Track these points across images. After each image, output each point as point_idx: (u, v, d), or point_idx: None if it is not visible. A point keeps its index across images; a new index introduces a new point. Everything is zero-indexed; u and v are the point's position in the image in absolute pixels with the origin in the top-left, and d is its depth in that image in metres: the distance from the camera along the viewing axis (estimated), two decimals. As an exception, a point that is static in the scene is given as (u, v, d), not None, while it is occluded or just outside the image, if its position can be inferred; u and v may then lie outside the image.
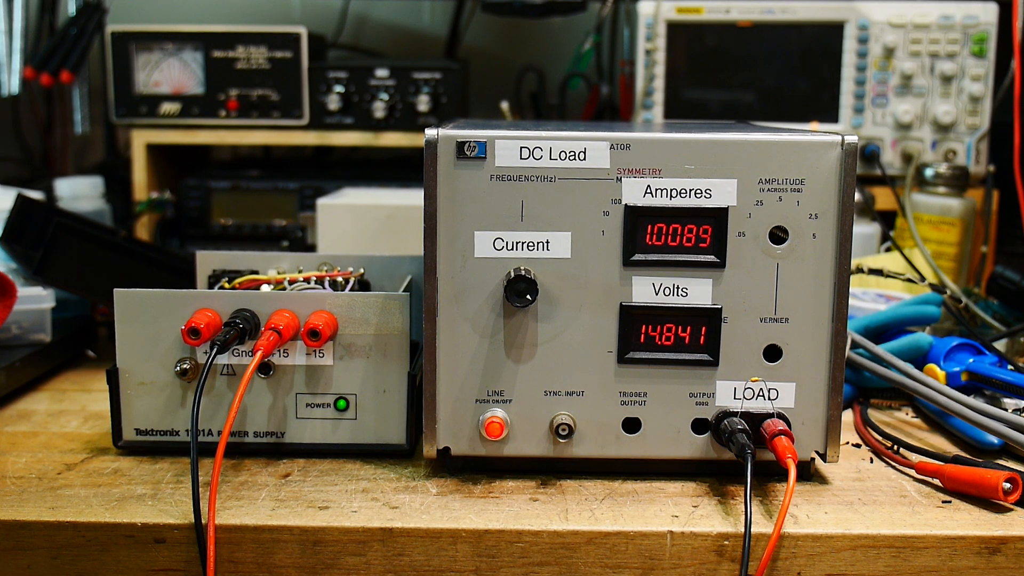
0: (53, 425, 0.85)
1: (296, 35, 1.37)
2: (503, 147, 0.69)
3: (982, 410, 0.76)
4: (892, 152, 1.35)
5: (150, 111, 1.39)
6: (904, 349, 0.89)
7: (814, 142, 0.69)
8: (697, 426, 0.72)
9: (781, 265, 0.70)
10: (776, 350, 0.71)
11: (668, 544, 0.64)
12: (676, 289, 0.70)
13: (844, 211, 0.69)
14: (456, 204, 0.69)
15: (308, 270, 0.90)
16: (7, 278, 0.91)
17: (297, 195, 1.39)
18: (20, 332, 0.98)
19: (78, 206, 1.31)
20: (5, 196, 1.14)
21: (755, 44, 1.35)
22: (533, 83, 1.56)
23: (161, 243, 1.40)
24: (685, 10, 1.34)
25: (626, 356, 0.71)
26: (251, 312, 0.75)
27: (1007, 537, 0.64)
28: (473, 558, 0.65)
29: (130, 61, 1.39)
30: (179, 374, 0.75)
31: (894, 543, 0.64)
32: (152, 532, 0.65)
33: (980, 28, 1.31)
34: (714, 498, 0.69)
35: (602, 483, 0.72)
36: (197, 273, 0.94)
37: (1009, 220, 1.32)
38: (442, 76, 1.37)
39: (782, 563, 0.64)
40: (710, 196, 0.69)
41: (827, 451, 0.71)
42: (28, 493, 0.70)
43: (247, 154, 1.70)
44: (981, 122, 1.33)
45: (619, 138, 0.69)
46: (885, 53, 1.32)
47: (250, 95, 1.38)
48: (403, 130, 1.38)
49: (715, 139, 0.69)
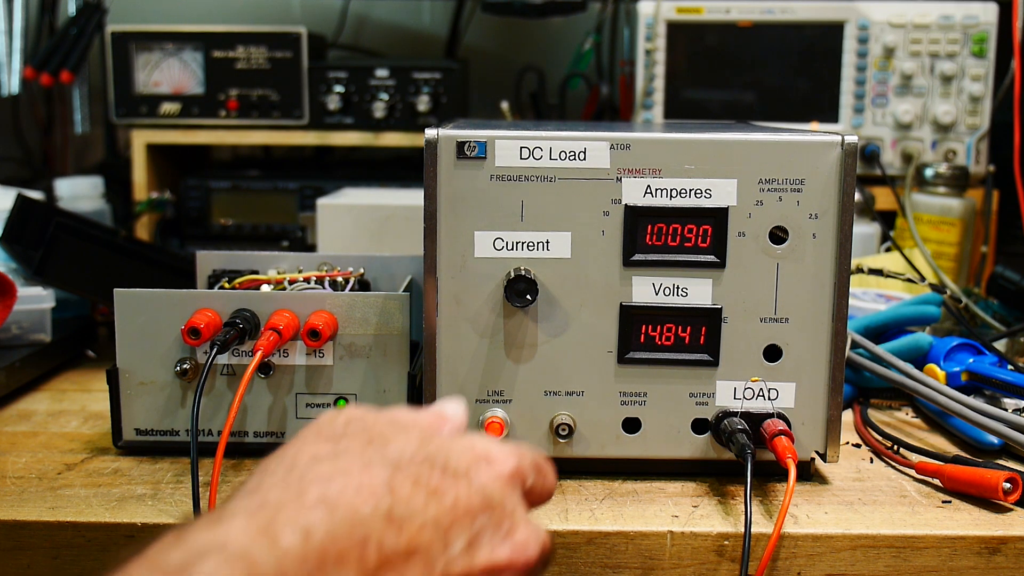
0: (53, 425, 0.85)
1: (296, 35, 1.37)
2: (503, 147, 0.69)
3: (982, 410, 0.76)
4: (892, 152, 1.35)
5: (150, 111, 1.39)
6: (904, 349, 0.89)
7: (814, 142, 0.69)
8: (697, 426, 0.72)
9: (781, 265, 0.70)
10: (776, 350, 0.71)
11: (668, 544, 0.64)
12: (676, 289, 0.70)
13: (844, 211, 0.69)
14: (456, 204, 0.69)
15: (308, 270, 0.90)
16: (7, 278, 0.91)
17: (297, 195, 1.39)
18: (20, 332, 0.98)
19: (78, 206, 1.31)
20: (5, 196, 1.13)
21: (755, 44, 1.35)
22: (533, 83, 1.56)
23: (161, 243, 1.40)
24: (685, 10, 1.34)
25: (626, 356, 0.71)
26: (251, 312, 0.75)
27: (1007, 537, 0.64)
28: (473, 558, 0.64)
29: (130, 61, 1.39)
30: (179, 374, 0.75)
31: (894, 543, 0.64)
32: (152, 532, 0.65)
33: (980, 28, 1.31)
34: (714, 498, 0.69)
35: (602, 483, 0.72)
36: (197, 273, 0.94)
37: (1009, 220, 1.32)
38: (442, 76, 1.37)
39: (782, 563, 0.64)
40: (710, 196, 0.69)
41: (827, 451, 0.71)
42: (28, 493, 0.70)
43: (247, 154, 1.70)
44: (981, 122, 1.33)
45: (619, 138, 0.69)
46: (885, 53, 1.32)
47: (250, 95, 1.38)
48: (403, 130, 1.38)
49: (715, 139, 0.69)
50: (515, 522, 0.46)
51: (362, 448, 0.45)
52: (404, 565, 0.42)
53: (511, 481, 0.47)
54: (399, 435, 0.47)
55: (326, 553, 0.40)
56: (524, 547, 0.46)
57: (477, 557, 0.45)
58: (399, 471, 0.44)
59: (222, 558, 0.37)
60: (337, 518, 0.41)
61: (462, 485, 0.45)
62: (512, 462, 0.48)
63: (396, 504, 0.43)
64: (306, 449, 0.45)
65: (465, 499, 0.45)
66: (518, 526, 0.46)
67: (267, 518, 0.40)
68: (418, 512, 0.43)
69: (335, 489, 0.42)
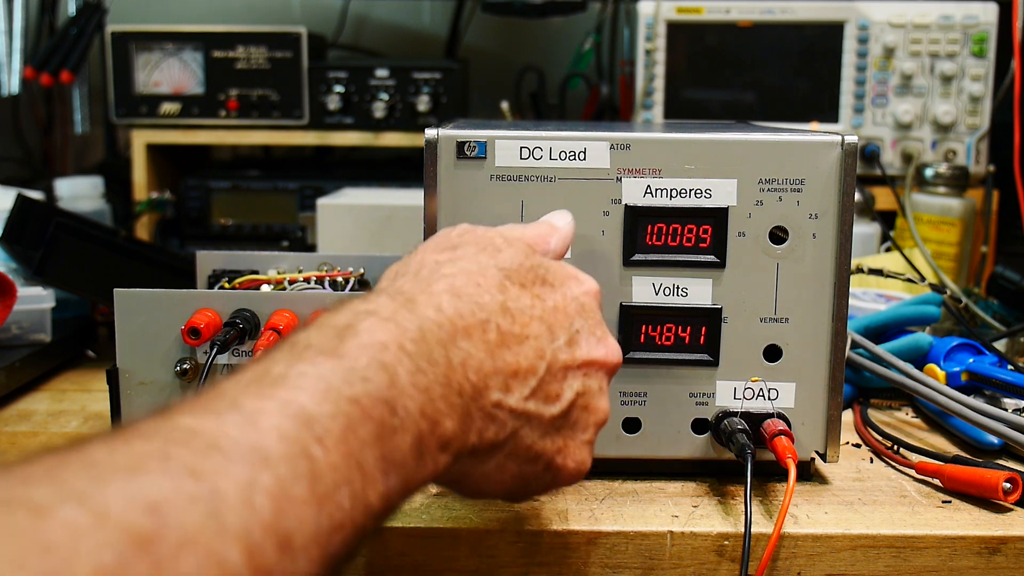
0: (53, 425, 0.85)
1: (296, 35, 1.37)
2: (503, 147, 0.69)
3: (982, 410, 0.76)
4: (892, 152, 1.35)
5: (150, 111, 1.39)
6: (904, 349, 0.89)
7: (814, 142, 0.69)
8: (697, 426, 0.72)
9: (781, 265, 0.70)
10: (776, 350, 0.71)
11: (668, 544, 0.64)
12: (676, 289, 0.70)
13: (844, 211, 0.69)
14: (456, 204, 0.69)
15: (308, 270, 0.90)
16: (7, 278, 0.91)
17: (297, 195, 1.39)
18: (20, 332, 0.98)
19: (78, 206, 1.31)
20: (5, 196, 1.13)
21: (755, 44, 1.35)
22: (533, 83, 1.56)
23: (161, 243, 1.40)
24: (685, 10, 1.34)
25: (626, 356, 0.70)
26: (251, 312, 0.75)
27: (1007, 537, 0.64)
28: (473, 558, 0.65)
29: (130, 61, 1.39)
30: (179, 374, 0.75)
31: (894, 543, 0.64)
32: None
33: (980, 28, 1.31)
34: (714, 498, 0.69)
35: (602, 483, 0.72)
36: (197, 273, 0.94)
37: (1009, 220, 1.32)
38: (442, 76, 1.37)
39: (782, 563, 0.64)
40: (710, 196, 0.69)
41: (827, 451, 0.71)
42: (28, 493, 0.70)
43: (247, 154, 1.70)
44: (981, 122, 1.33)
45: (619, 138, 0.69)
46: (885, 53, 1.32)
47: (250, 95, 1.38)
48: (403, 130, 1.38)
49: (715, 139, 0.69)
50: (605, 331, 0.57)
51: (476, 253, 0.55)
52: (519, 347, 0.51)
53: (597, 297, 0.57)
54: (508, 247, 0.56)
55: (455, 325, 0.49)
56: (615, 351, 0.57)
57: (578, 352, 0.54)
58: (509, 275, 0.53)
59: (376, 319, 0.46)
60: (463, 302, 0.50)
61: (559, 294, 0.55)
62: (595, 285, 0.58)
63: (508, 300, 0.52)
64: (428, 257, 0.55)
65: (563, 305, 0.55)
66: (607, 335, 0.57)
67: (406, 299, 0.49)
68: (526, 309, 0.53)
69: (459, 283, 0.51)
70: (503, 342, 0.50)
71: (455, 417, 0.47)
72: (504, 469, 0.52)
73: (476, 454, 0.50)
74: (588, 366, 0.55)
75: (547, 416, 0.52)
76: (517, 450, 0.52)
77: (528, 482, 0.54)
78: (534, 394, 0.51)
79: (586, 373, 0.55)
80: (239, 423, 0.37)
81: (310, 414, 0.39)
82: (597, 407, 0.56)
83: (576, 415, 0.54)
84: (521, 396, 0.51)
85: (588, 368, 0.55)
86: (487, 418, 0.49)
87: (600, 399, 0.56)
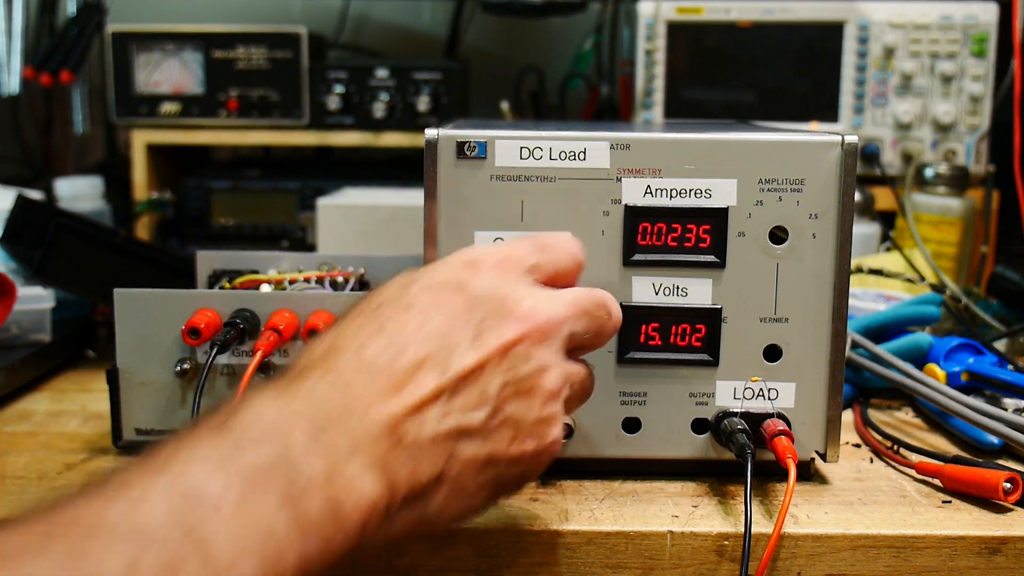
0: (53, 425, 0.85)
1: (296, 35, 1.37)
2: (503, 147, 0.69)
3: (982, 410, 0.76)
4: (892, 152, 1.35)
5: (150, 111, 1.39)
6: (904, 349, 0.89)
7: (814, 142, 0.69)
8: (697, 426, 0.72)
9: (781, 265, 0.70)
10: (776, 350, 0.71)
11: (668, 544, 0.64)
12: (676, 289, 0.70)
13: (844, 211, 0.69)
14: (456, 204, 0.69)
15: (308, 270, 0.90)
16: (7, 278, 0.91)
17: (297, 195, 1.39)
18: (20, 332, 0.98)
19: (78, 206, 1.31)
20: (5, 196, 1.14)
21: (755, 44, 1.35)
22: (533, 83, 1.57)
23: (161, 243, 1.40)
24: (685, 10, 1.34)
25: (626, 356, 0.71)
26: (251, 312, 0.75)
27: (1007, 537, 0.64)
28: (473, 558, 0.65)
29: (130, 61, 1.39)
30: (179, 374, 0.75)
31: (894, 543, 0.64)
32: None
33: (980, 28, 1.31)
34: (714, 498, 0.69)
35: (602, 483, 0.72)
36: (197, 273, 0.94)
37: (1009, 220, 1.32)
38: (442, 76, 1.37)
39: (782, 563, 0.64)
40: (710, 196, 0.69)
41: (827, 451, 0.71)
42: (28, 493, 0.70)
43: (247, 154, 1.70)
44: (981, 122, 1.33)
45: (619, 138, 0.69)
46: (885, 53, 1.32)
47: (250, 95, 1.38)
48: (403, 130, 1.38)
49: (715, 139, 0.69)
50: (516, 299, 0.54)
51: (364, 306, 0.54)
52: (417, 374, 0.50)
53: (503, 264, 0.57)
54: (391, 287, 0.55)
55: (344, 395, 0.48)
56: (533, 312, 0.54)
57: (487, 342, 0.51)
58: (380, 306, 0.53)
59: (263, 397, 0.47)
60: None
61: (452, 301, 0.53)
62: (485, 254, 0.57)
63: (382, 332, 0.52)
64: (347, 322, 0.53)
65: (458, 308, 0.52)
66: (519, 301, 0.54)
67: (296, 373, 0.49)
68: (406, 332, 0.51)
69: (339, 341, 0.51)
70: (394, 383, 0.49)
71: (374, 472, 0.45)
72: (462, 490, 0.51)
73: (422, 495, 0.49)
74: (505, 350, 0.51)
75: (477, 423, 0.50)
76: (464, 468, 0.50)
77: (498, 484, 0.53)
78: (449, 413, 0.49)
79: (507, 357, 0.51)
80: (125, 504, 0.38)
81: (200, 489, 0.39)
82: (539, 383, 0.52)
83: (513, 405, 0.51)
84: (436, 420, 0.48)
85: (506, 352, 0.51)
86: (413, 459, 0.47)
87: (540, 374, 0.52)
